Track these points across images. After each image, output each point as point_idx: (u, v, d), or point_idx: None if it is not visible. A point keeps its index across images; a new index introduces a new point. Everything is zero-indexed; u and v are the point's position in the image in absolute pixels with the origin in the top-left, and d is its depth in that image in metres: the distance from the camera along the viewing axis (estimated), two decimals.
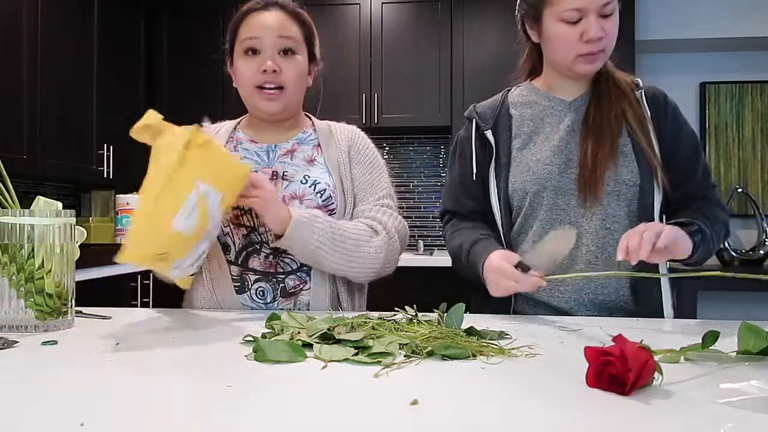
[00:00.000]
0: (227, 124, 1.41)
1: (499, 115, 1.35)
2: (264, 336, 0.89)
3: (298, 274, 1.26)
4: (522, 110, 1.35)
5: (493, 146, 1.32)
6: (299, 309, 1.25)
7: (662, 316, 1.24)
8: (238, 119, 1.43)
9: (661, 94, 1.31)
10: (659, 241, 1.03)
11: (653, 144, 1.24)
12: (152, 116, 1.05)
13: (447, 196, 1.42)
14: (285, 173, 1.29)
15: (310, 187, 1.27)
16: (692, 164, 1.28)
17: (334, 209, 1.28)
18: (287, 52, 1.28)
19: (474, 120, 1.37)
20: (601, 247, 1.24)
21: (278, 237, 1.18)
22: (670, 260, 1.18)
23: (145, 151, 1.05)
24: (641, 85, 1.31)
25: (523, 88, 1.39)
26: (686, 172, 1.27)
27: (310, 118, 1.43)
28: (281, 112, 1.31)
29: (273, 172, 1.29)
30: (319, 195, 1.27)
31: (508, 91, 1.41)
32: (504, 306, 1.27)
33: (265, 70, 1.26)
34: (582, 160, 1.24)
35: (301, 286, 1.26)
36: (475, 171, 1.34)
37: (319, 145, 1.35)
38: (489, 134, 1.33)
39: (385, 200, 1.33)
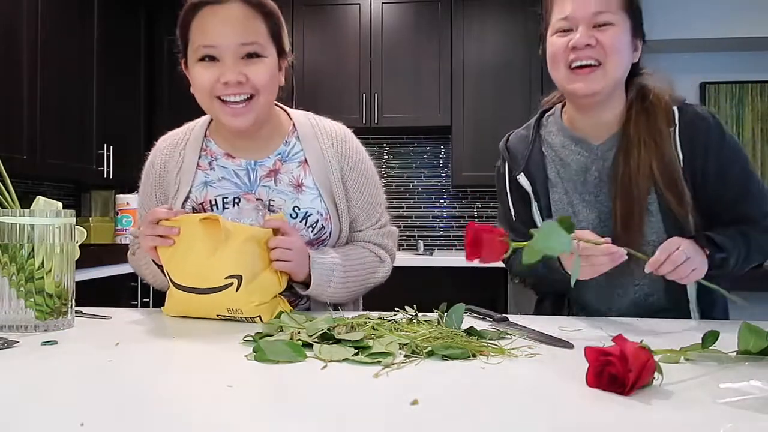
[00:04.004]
0: (196, 129, 1.26)
1: (532, 153, 1.27)
2: (264, 336, 0.89)
3: (292, 290, 1.20)
4: (551, 152, 1.27)
5: (530, 192, 1.26)
6: None
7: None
8: (208, 120, 1.27)
9: (701, 125, 1.16)
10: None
11: (684, 199, 1.13)
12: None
13: (500, 222, 1.37)
14: (271, 203, 1.19)
15: (301, 221, 1.19)
16: (741, 203, 1.17)
17: (327, 238, 1.22)
18: (252, 56, 1.12)
19: (506, 161, 1.31)
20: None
21: (296, 281, 1.16)
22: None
23: (145, 151, 1.05)
24: (677, 121, 1.16)
25: (552, 123, 1.29)
26: (736, 213, 1.17)
27: (289, 116, 1.28)
28: (251, 125, 1.16)
29: (258, 199, 1.20)
30: (311, 229, 1.20)
31: (541, 118, 1.32)
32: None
33: (226, 83, 1.10)
34: (614, 227, 1.17)
35: (297, 301, 1.24)
36: (513, 216, 1.30)
37: (305, 161, 1.22)
38: (522, 179, 1.26)
39: (383, 218, 1.31)
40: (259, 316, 1.08)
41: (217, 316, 1.11)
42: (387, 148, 3.89)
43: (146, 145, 3.72)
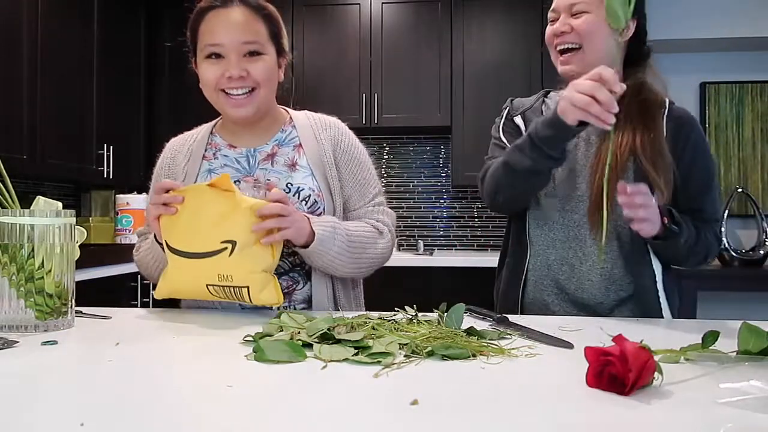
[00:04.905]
0: (204, 128, 1.38)
1: (533, 107, 1.40)
2: (264, 336, 0.89)
3: (291, 274, 1.26)
4: (548, 111, 1.35)
5: (523, 130, 1.34)
6: (294, 308, 1.26)
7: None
8: (215, 121, 1.39)
9: (687, 120, 1.29)
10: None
11: (662, 167, 1.22)
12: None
13: (489, 154, 1.43)
14: (268, 181, 1.27)
15: (293, 195, 1.25)
16: (699, 197, 1.28)
17: (321, 214, 1.26)
18: (253, 53, 1.23)
19: (507, 109, 1.43)
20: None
21: (298, 245, 1.18)
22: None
23: (145, 151, 1.06)
24: (667, 105, 1.29)
25: (554, 96, 1.40)
26: (692, 205, 1.27)
27: (288, 111, 1.38)
28: (253, 116, 1.26)
29: (255, 180, 1.27)
30: (304, 202, 1.25)
31: (546, 95, 1.43)
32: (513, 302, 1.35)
33: (230, 77, 1.21)
34: (590, 201, 1.26)
35: (294, 286, 1.26)
36: (506, 144, 1.35)
37: (300, 145, 1.31)
38: (518, 119, 1.38)
39: (378, 198, 1.35)
40: (248, 287, 1.10)
41: (207, 286, 1.12)
42: (387, 148, 3.89)
43: (146, 145, 3.76)
